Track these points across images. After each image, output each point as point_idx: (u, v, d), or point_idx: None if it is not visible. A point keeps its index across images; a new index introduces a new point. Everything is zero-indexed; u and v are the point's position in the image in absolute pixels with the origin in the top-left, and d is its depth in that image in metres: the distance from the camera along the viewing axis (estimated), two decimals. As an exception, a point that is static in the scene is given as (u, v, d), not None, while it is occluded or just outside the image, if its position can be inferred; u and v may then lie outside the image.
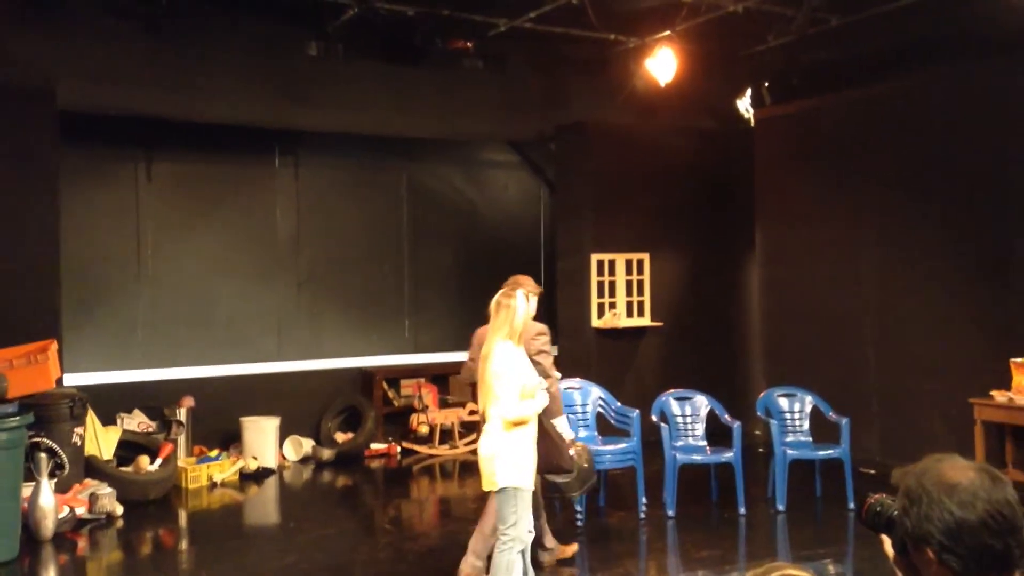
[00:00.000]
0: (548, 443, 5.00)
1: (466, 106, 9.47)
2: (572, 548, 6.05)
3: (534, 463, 4.78)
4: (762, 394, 7.91)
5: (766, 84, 9.47)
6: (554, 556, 5.90)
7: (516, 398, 4.64)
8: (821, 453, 7.32)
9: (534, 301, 5.27)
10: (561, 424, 5.44)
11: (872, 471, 8.11)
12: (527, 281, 5.40)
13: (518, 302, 4.77)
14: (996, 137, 7.64)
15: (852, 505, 7.09)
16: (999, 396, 7.12)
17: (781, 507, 7.14)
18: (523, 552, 4.77)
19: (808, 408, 7.56)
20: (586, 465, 5.60)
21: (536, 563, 5.56)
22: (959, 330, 7.89)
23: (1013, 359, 7.07)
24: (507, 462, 4.66)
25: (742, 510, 6.98)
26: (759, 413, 7.69)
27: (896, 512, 1.79)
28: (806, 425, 7.54)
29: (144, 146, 9.54)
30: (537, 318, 5.51)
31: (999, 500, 1.66)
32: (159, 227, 9.69)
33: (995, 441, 7.35)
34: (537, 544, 5.59)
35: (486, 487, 4.80)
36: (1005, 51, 7.54)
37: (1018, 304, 7.50)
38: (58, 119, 7.80)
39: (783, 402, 7.66)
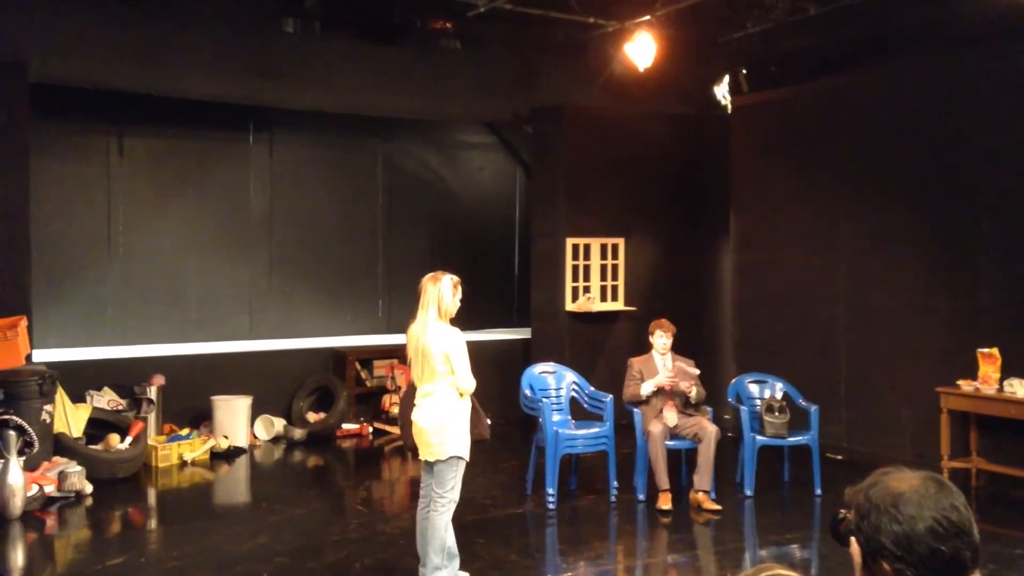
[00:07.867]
0: (473, 416, 5.28)
1: (443, 86, 9.42)
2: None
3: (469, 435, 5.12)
4: (733, 380, 7.98)
5: (744, 71, 9.49)
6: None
7: (470, 371, 5.03)
8: (790, 439, 7.39)
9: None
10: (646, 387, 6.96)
11: (839, 457, 8.21)
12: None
13: (443, 285, 5.11)
14: (970, 127, 7.71)
15: (819, 491, 7.18)
16: (965, 385, 7.22)
17: (749, 492, 7.23)
18: None
19: (779, 395, 7.62)
20: None
21: None
22: (928, 320, 7.99)
23: (980, 349, 7.17)
24: (456, 433, 4.98)
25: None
26: (730, 399, 7.77)
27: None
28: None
29: (117, 121, 9.43)
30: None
31: (945, 506, 1.70)
32: (131, 203, 9.59)
33: (960, 430, 7.45)
34: None
35: (429, 457, 5.03)
36: (981, 41, 7.60)
37: (986, 295, 7.60)
38: (30, 92, 7.67)
39: (754, 388, 7.73)
